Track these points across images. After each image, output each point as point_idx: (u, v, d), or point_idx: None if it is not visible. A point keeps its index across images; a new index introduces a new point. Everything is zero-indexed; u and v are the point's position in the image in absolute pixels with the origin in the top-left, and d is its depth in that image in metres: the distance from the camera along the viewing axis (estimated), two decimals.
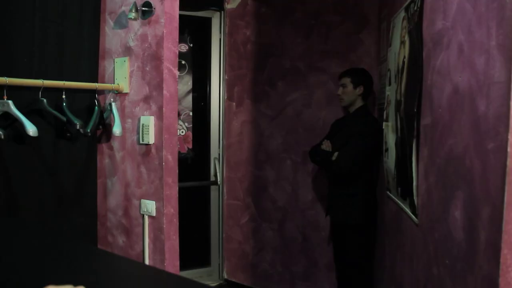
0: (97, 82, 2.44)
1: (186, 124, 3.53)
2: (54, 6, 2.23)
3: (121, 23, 2.41)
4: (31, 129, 1.96)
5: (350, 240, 3.09)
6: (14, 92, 2.00)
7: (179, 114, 3.32)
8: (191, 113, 3.55)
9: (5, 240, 1.31)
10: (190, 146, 3.64)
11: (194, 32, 3.54)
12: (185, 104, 3.48)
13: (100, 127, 2.46)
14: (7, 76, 1.93)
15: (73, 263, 1.13)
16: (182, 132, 3.52)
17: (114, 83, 2.43)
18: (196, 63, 3.62)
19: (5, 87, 1.94)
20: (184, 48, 3.39)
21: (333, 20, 3.47)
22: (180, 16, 2.30)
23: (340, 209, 3.13)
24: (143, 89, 2.32)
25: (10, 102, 1.96)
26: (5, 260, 1.13)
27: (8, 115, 1.99)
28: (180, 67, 3.37)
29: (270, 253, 3.79)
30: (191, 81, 3.47)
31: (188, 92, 3.43)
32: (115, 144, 2.47)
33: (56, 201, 2.29)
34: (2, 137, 1.89)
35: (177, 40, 2.32)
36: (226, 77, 3.57)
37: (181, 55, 3.32)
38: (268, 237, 3.79)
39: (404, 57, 2.14)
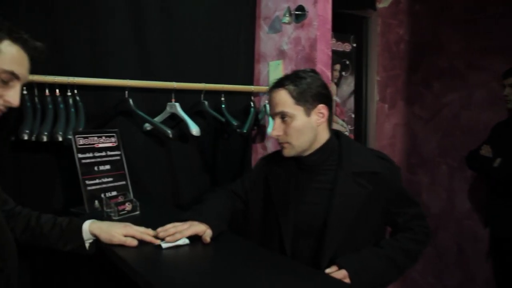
0: (252, 85, 2.56)
1: (349, 126, 3.39)
2: (214, 14, 2.39)
3: (275, 27, 2.49)
4: (195, 129, 2.11)
5: None
6: (180, 95, 2.20)
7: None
8: (353, 115, 3.41)
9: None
10: None
11: (356, 31, 3.44)
12: (348, 106, 3.36)
13: (255, 127, 2.57)
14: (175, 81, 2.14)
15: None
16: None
17: (268, 86, 2.51)
18: (358, 64, 3.49)
19: (173, 91, 2.15)
20: (347, 47, 3.29)
21: (499, 12, 3.15)
22: (342, 14, 2.25)
23: (503, 220, 2.84)
24: None
25: (177, 104, 2.16)
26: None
27: (174, 116, 2.19)
28: (344, 68, 3.30)
29: (419, 263, 3.59)
30: (353, 82, 3.34)
31: (351, 94, 3.32)
32: (269, 144, 2.55)
33: None
34: (171, 135, 2.06)
35: (330, 42, 2.32)
36: (378, 78, 3.48)
37: (345, 55, 3.28)
38: None
39: None
